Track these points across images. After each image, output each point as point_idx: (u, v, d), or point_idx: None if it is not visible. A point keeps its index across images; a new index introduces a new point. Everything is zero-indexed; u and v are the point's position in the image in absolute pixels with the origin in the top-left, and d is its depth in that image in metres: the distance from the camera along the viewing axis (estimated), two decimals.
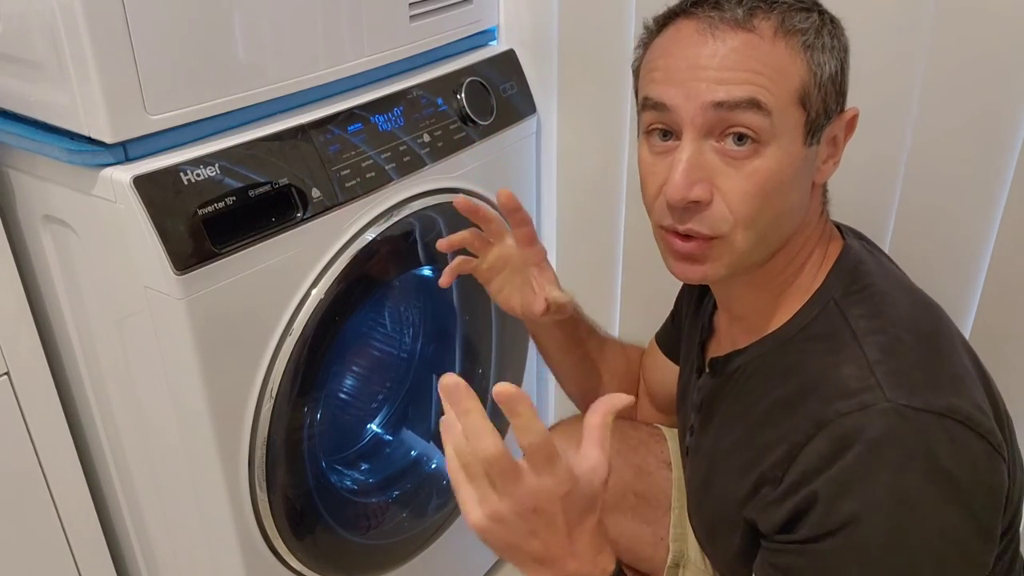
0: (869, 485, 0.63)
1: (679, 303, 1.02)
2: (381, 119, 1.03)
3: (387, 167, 1.03)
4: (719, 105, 0.66)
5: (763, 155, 0.67)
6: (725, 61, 0.66)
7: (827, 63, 0.69)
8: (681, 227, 0.70)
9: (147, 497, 1.10)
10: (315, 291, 0.96)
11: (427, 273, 1.17)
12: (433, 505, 1.27)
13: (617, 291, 1.39)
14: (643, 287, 1.34)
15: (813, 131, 0.69)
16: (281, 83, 0.94)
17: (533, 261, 0.93)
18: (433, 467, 1.28)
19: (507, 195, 0.87)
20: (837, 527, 0.64)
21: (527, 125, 1.26)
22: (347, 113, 1.00)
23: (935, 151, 1.00)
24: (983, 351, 0.76)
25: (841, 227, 0.80)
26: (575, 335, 1.02)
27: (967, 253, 1.03)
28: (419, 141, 1.07)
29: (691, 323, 0.94)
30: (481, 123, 1.16)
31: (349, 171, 0.98)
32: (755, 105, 0.66)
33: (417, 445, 1.29)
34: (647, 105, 0.71)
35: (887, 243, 1.07)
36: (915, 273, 0.80)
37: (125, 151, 0.84)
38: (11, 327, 0.98)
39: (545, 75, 1.27)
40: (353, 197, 0.99)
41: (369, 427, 1.29)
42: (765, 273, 0.75)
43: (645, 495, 1.00)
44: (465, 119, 1.14)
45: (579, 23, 1.22)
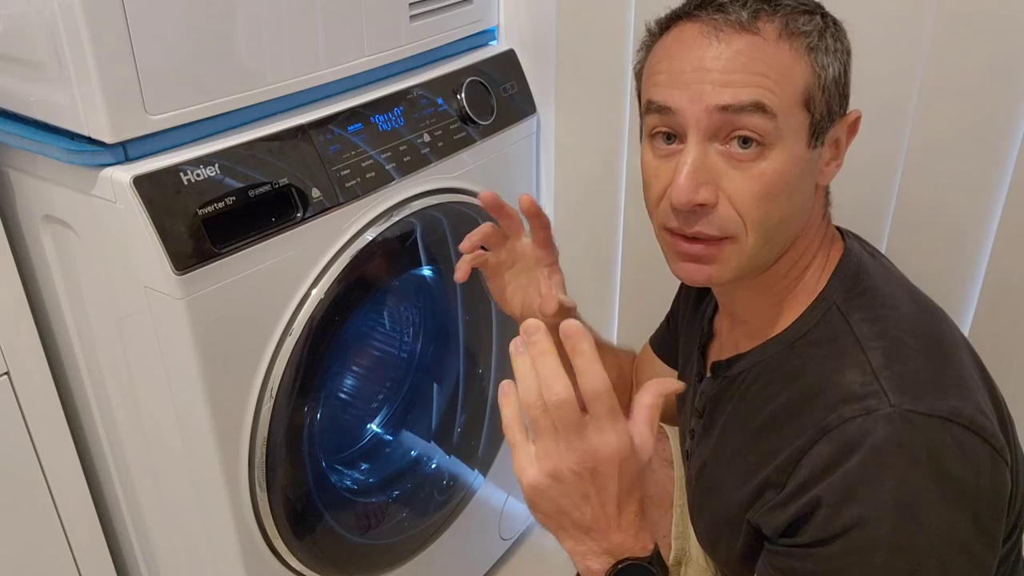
0: (873, 490, 0.63)
1: (675, 306, 1.02)
2: (381, 119, 1.03)
3: (387, 167, 1.03)
4: (724, 108, 0.66)
5: (768, 157, 0.67)
6: (730, 64, 0.66)
7: (831, 65, 0.68)
8: (689, 231, 0.70)
9: (147, 497, 1.10)
10: (315, 291, 0.96)
11: (427, 273, 1.17)
12: (433, 505, 1.27)
13: (616, 290, 1.39)
14: (642, 286, 1.34)
15: (817, 133, 0.69)
16: (281, 83, 0.94)
17: (546, 262, 0.93)
18: (433, 467, 1.28)
19: (529, 200, 0.87)
20: (840, 531, 0.64)
21: (527, 125, 1.26)
22: (347, 113, 1.00)
23: (934, 151, 1.00)
24: (982, 351, 0.76)
25: (841, 230, 0.80)
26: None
27: (966, 253, 1.03)
28: (419, 141, 1.07)
29: (689, 326, 0.94)
30: (481, 123, 1.16)
31: (349, 171, 0.98)
32: (760, 108, 0.65)
33: (417, 445, 1.29)
34: (651, 109, 0.71)
35: (885, 243, 1.07)
36: (914, 273, 0.80)
37: (125, 151, 0.84)
38: (11, 327, 0.98)
39: (545, 75, 1.27)
40: (353, 197, 0.99)
41: (369, 427, 1.29)
42: (769, 277, 0.75)
43: (648, 492, 1.00)
44: (465, 119, 1.14)
45: (579, 23, 1.22)
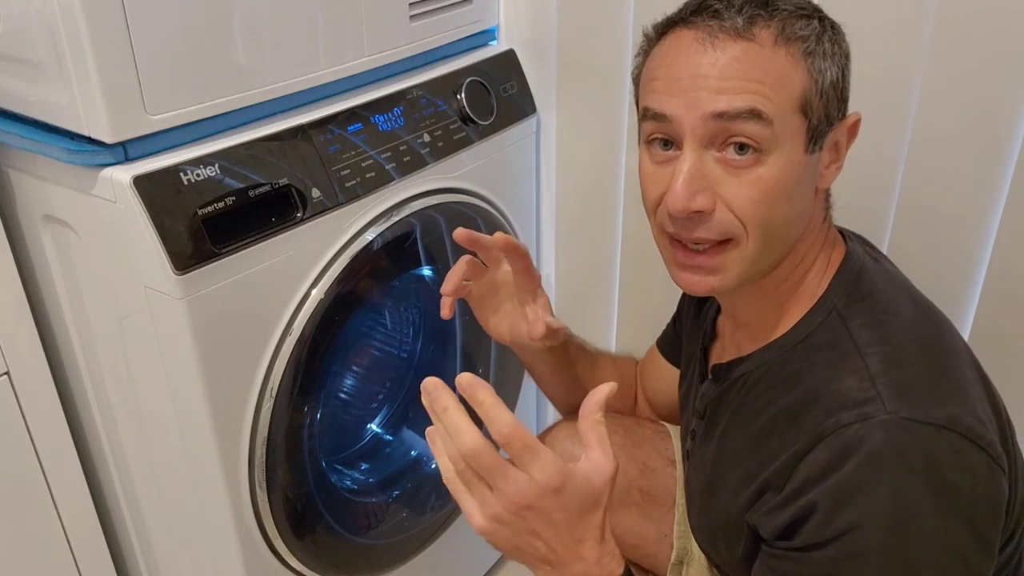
0: (868, 496, 0.63)
1: (680, 308, 1.02)
2: (381, 119, 1.03)
3: (387, 167, 1.03)
4: (720, 115, 0.66)
5: (765, 163, 0.67)
6: (725, 70, 0.66)
7: (828, 69, 0.68)
8: (689, 237, 0.69)
9: (147, 497, 1.10)
10: (315, 291, 0.96)
11: (427, 273, 1.17)
12: (433, 505, 1.27)
13: (615, 291, 1.39)
14: (641, 287, 1.34)
15: (815, 138, 0.69)
16: (281, 83, 0.94)
17: (528, 288, 0.91)
18: (433, 467, 1.28)
19: (503, 239, 0.86)
20: (834, 536, 0.64)
21: (527, 125, 1.26)
22: (347, 113, 1.00)
23: (935, 152, 1.00)
24: (983, 352, 0.76)
25: (843, 232, 0.79)
26: (564, 358, 1.01)
27: (967, 254, 1.03)
28: (419, 141, 1.07)
29: (692, 327, 0.94)
30: (481, 123, 1.16)
31: (349, 171, 0.98)
32: (756, 115, 0.65)
33: (417, 445, 1.29)
34: (647, 115, 0.71)
35: (886, 244, 1.07)
36: (914, 274, 0.80)
37: (125, 151, 0.84)
38: (11, 327, 0.98)
39: (545, 75, 1.27)
40: (353, 197, 0.99)
41: (369, 427, 1.29)
42: (770, 281, 0.75)
43: (650, 492, 1.00)
44: (465, 119, 1.14)
45: (579, 24, 1.22)
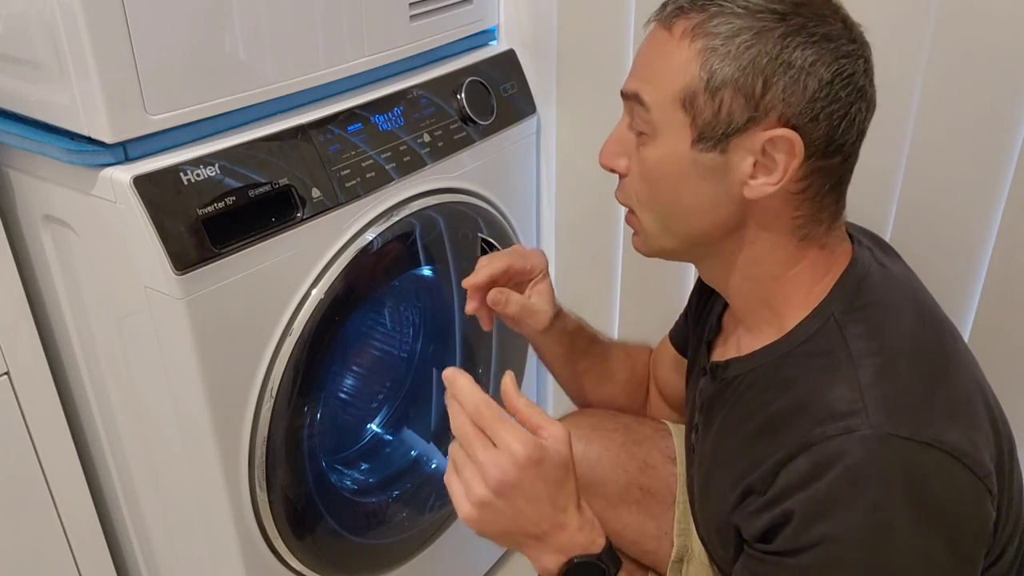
0: (842, 510, 0.63)
1: (690, 299, 1.02)
2: (381, 119, 1.03)
3: (387, 167, 1.03)
4: (623, 94, 0.74)
5: (649, 145, 0.72)
6: (642, 56, 0.73)
7: (725, 69, 0.65)
8: (617, 195, 0.79)
9: (147, 497, 1.10)
10: (315, 291, 0.96)
11: (427, 273, 1.17)
12: (433, 505, 1.27)
13: (616, 290, 1.39)
14: (642, 286, 1.34)
15: (706, 136, 0.68)
16: (281, 83, 0.94)
17: (530, 277, 0.98)
18: (433, 467, 1.28)
19: (488, 276, 0.93)
20: (808, 546, 0.65)
21: (527, 125, 1.26)
22: (347, 113, 1.00)
23: (935, 152, 1.00)
24: (983, 352, 0.75)
25: (854, 234, 0.78)
26: (573, 348, 1.02)
27: (967, 254, 1.03)
28: (419, 141, 1.07)
29: (697, 320, 0.95)
30: (481, 123, 1.16)
31: (349, 171, 0.98)
32: (638, 100, 0.72)
33: (417, 445, 1.29)
34: None
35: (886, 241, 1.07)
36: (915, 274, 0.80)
37: (125, 151, 0.84)
38: (11, 327, 0.98)
39: (545, 75, 1.27)
40: (353, 197, 0.99)
41: (369, 427, 1.29)
42: (725, 277, 0.77)
43: (650, 489, 1.01)
44: (465, 119, 1.14)
45: (579, 23, 1.22)
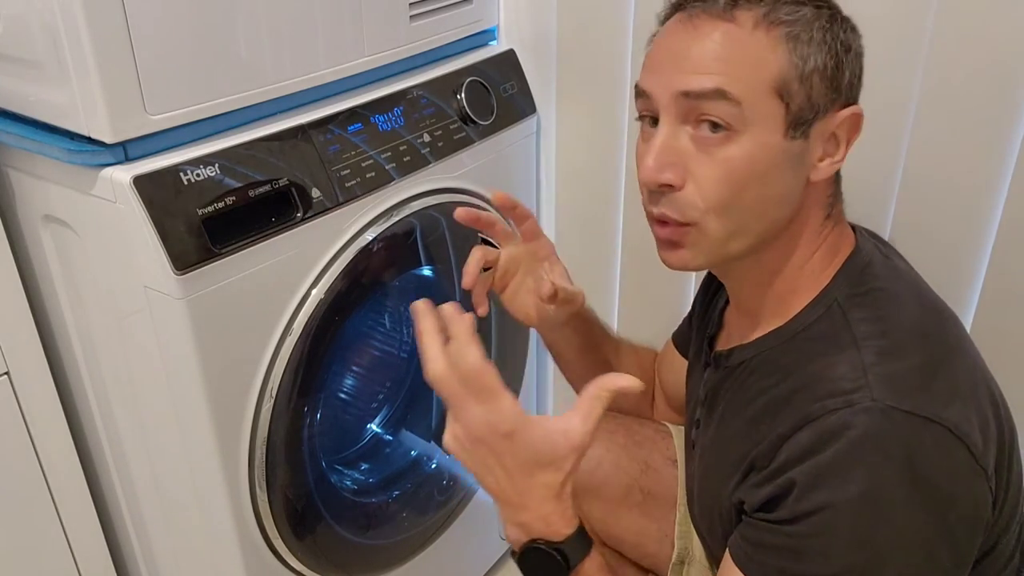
0: (843, 480, 0.64)
1: (695, 302, 1.02)
2: (381, 119, 1.03)
3: (387, 167, 1.03)
4: (687, 94, 0.68)
5: (736, 142, 0.68)
6: (699, 51, 0.68)
7: (813, 56, 0.68)
8: (656, 211, 0.72)
9: (147, 497, 1.10)
10: (315, 291, 0.96)
11: (427, 273, 1.17)
12: (433, 505, 1.27)
13: (616, 290, 1.39)
14: (642, 286, 1.34)
15: (797, 124, 0.69)
16: (281, 83, 0.94)
17: (542, 255, 0.95)
18: (433, 467, 1.28)
19: (502, 196, 0.89)
20: (806, 514, 0.65)
21: (527, 125, 1.26)
22: (347, 113, 1.00)
23: (935, 152, 1.00)
24: (983, 352, 0.75)
25: (856, 228, 0.79)
26: (591, 338, 1.02)
27: (966, 254, 1.03)
28: (419, 141, 1.07)
29: (701, 319, 0.95)
30: (481, 123, 1.16)
31: (349, 171, 0.98)
32: (722, 95, 0.67)
33: (417, 445, 1.29)
34: (636, 93, 0.74)
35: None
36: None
37: (125, 151, 0.84)
38: (11, 327, 0.98)
39: (545, 75, 1.27)
40: (353, 197, 0.99)
41: (369, 427, 1.29)
42: (762, 270, 0.75)
43: (651, 491, 1.01)
44: (465, 119, 1.14)
45: (579, 23, 1.22)
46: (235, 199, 0.87)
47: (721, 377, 0.82)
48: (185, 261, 0.83)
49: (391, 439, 1.29)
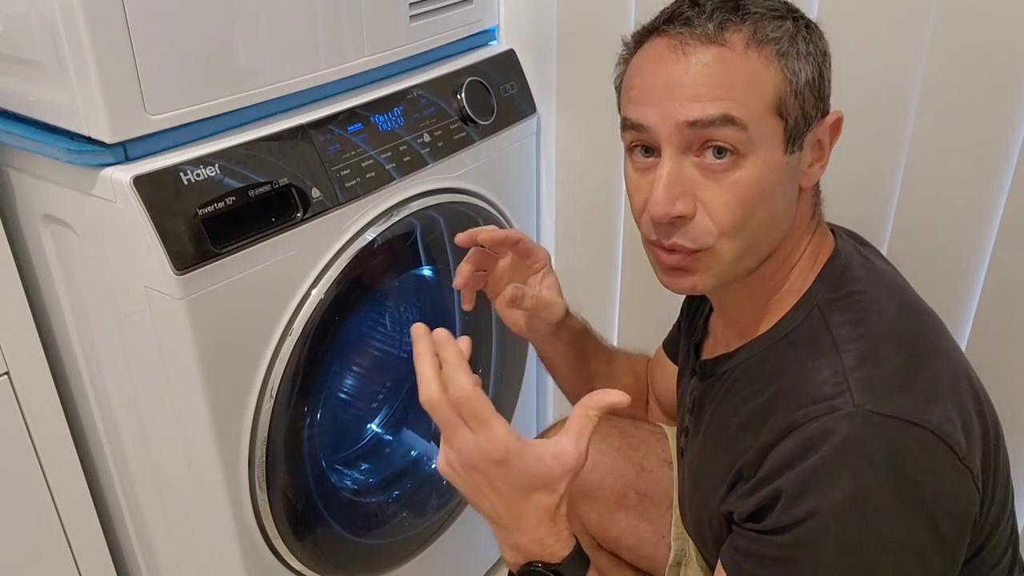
0: (827, 487, 0.64)
1: (682, 308, 1.02)
2: (381, 119, 1.03)
3: (387, 167, 1.03)
4: (693, 124, 0.67)
5: (743, 166, 0.67)
6: (697, 78, 0.67)
7: (803, 70, 0.68)
8: (667, 242, 0.71)
9: (147, 497, 1.10)
10: (315, 291, 0.96)
11: (427, 273, 1.17)
12: (433, 505, 1.27)
13: (616, 290, 1.39)
14: (642, 287, 1.34)
15: (793, 138, 0.69)
16: (281, 83, 0.94)
17: (537, 267, 0.95)
18: (433, 467, 1.28)
19: (488, 238, 0.89)
20: (794, 523, 0.65)
21: (527, 125, 1.26)
22: (347, 113, 1.00)
23: (935, 153, 1.00)
24: (983, 353, 0.76)
25: (835, 228, 0.80)
26: (581, 351, 1.02)
27: (966, 255, 1.03)
28: (419, 141, 1.07)
29: (688, 326, 0.95)
30: (481, 123, 1.16)
31: (349, 171, 0.98)
32: (729, 120, 0.66)
33: (417, 445, 1.29)
34: (626, 125, 0.73)
35: (885, 245, 1.07)
36: (913, 276, 0.80)
37: (125, 151, 0.84)
38: (11, 327, 0.98)
39: (545, 75, 1.27)
40: (353, 197, 0.99)
41: (369, 427, 1.29)
42: (756, 279, 0.75)
43: (647, 493, 1.01)
44: (465, 119, 1.14)
45: (579, 23, 1.22)
46: (235, 199, 0.87)
47: (707, 387, 0.82)
48: (185, 261, 0.83)
49: (391, 439, 1.29)
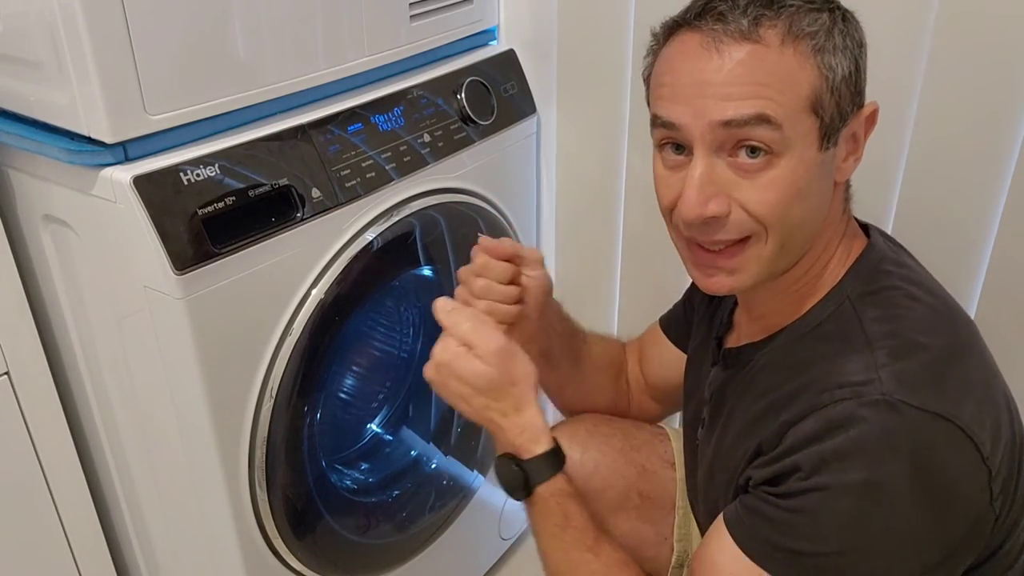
0: (846, 468, 0.64)
1: (692, 294, 1.00)
2: (381, 119, 1.03)
3: (387, 167, 1.03)
4: (727, 123, 0.65)
5: (777, 165, 0.66)
6: (730, 76, 0.65)
7: (840, 65, 0.67)
8: (708, 240, 0.70)
9: (147, 497, 1.10)
10: (315, 291, 0.96)
11: (427, 273, 1.17)
12: (433, 505, 1.27)
13: (616, 290, 1.39)
14: (642, 286, 1.34)
15: (829, 135, 0.68)
16: (281, 83, 0.94)
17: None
18: (433, 467, 1.28)
19: (493, 247, 0.88)
20: (802, 492, 0.65)
21: (527, 125, 1.26)
22: (347, 113, 1.00)
23: (935, 152, 1.00)
24: (986, 338, 0.75)
25: (868, 226, 0.79)
26: (575, 338, 1.01)
27: (967, 254, 1.03)
28: (419, 141, 1.07)
29: (706, 317, 0.94)
30: (481, 123, 1.16)
31: (349, 171, 0.98)
32: (764, 120, 0.65)
33: (417, 445, 1.29)
34: (656, 123, 0.71)
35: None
36: None
37: (125, 151, 0.84)
38: (11, 327, 0.98)
39: (545, 75, 1.27)
40: (353, 197, 0.98)
41: (369, 427, 1.29)
42: (789, 277, 0.74)
43: (649, 495, 1.00)
44: (465, 119, 1.14)
45: (579, 23, 1.22)
46: (235, 199, 0.87)
47: (729, 376, 0.82)
48: (185, 261, 0.83)
49: (391, 439, 1.29)
